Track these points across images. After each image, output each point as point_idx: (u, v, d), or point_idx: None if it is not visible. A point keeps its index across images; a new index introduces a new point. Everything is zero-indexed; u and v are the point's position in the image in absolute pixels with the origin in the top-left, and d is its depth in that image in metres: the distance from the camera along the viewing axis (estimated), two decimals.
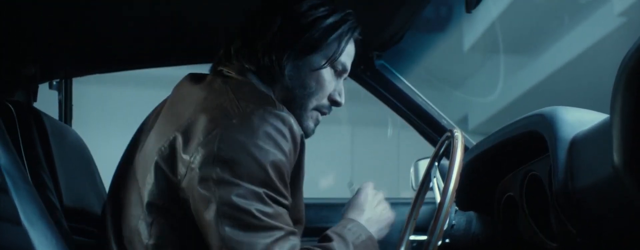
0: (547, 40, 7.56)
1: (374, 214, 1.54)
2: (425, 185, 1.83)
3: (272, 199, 1.30)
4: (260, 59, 1.47)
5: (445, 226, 1.47)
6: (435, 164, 1.77)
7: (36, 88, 2.09)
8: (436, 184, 1.70)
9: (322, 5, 1.51)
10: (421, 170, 2.31)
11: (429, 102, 2.34)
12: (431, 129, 2.33)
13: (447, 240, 1.67)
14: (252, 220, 1.27)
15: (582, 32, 7.02)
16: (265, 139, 1.30)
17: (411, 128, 2.38)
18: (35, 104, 2.11)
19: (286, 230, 1.30)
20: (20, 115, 1.74)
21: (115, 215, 1.45)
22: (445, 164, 1.66)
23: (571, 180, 1.23)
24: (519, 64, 7.93)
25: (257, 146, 1.28)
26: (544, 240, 1.55)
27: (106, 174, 2.03)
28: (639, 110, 0.95)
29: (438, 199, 1.57)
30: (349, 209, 1.56)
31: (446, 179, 1.49)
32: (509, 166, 1.70)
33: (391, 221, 1.58)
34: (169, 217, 1.36)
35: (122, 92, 6.33)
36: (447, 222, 1.62)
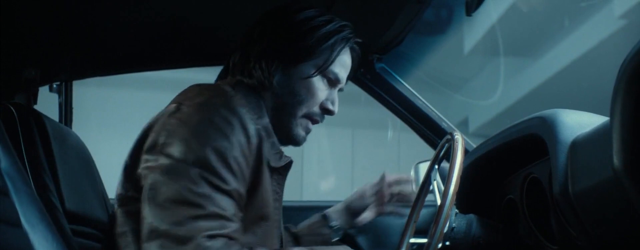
0: (547, 42, 7.56)
1: None
2: (425, 187, 1.83)
3: (207, 180, 1.31)
4: (252, 68, 1.49)
5: (446, 229, 1.47)
6: (436, 166, 1.77)
7: (36, 91, 2.09)
8: (436, 186, 1.70)
9: (319, 16, 1.53)
10: (421, 173, 2.31)
11: (429, 105, 2.34)
12: (431, 131, 2.33)
13: (447, 243, 1.67)
14: (176, 196, 1.29)
15: (582, 35, 7.01)
16: (208, 126, 1.34)
17: (411, 131, 2.38)
18: (35, 106, 2.11)
19: (210, 212, 1.30)
20: (22, 118, 1.74)
21: None
22: (446, 167, 1.66)
23: (571, 183, 1.23)
24: (519, 66, 7.92)
25: (199, 131, 1.33)
26: (544, 243, 1.55)
27: (107, 176, 2.03)
28: (639, 113, 0.96)
29: (438, 201, 1.57)
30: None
31: (446, 182, 1.49)
32: (509, 169, 1.70)
33: None
34: (129, 205, 1.40)
35: (123, 95, 6.33)
36: (447, 225, 1.63)
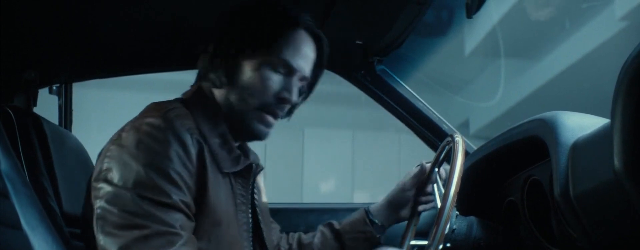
0: (548, 44, 7.56)
1: None
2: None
3: (148, 198, 1.34)
4: (207, 70, 1.53)
5: (446, 231, 1.47)
6: (436, 168, 1.77)
7: (36, 93, 2.09)
8: (437, 188, 1.70)
9: (273, 10, 1.53)
10: None
11: (430, 107, 2.33)
12: (432, 133, 2.32)
13: (448, 245, 1.67)
14: (121, 221, 1.32)
15: (583, 37, 7.01)
16: (143, 144, 1.37)
17: (412, 133, 2.38)
18: (35, 108, 2.11)
19: (156, 231, 1.33)
20: (20, 121, 1.74)
21: None
22: (446, 169, 1.66)
23: (572, 185, 1.23)
24: (519, 68, 7.93)
25: (135, 152, 1.36)
26: (545, 245, 1.55)
27: None
28: (639, 115, 0.95)
29: (439, 203, 1.57)
30: None
31: (447, 184, 1.49)
32: (510, 171, 1.70)
33: None
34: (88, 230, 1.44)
35: (123, 96, 6.33)
36: (448, 227, 1.63)
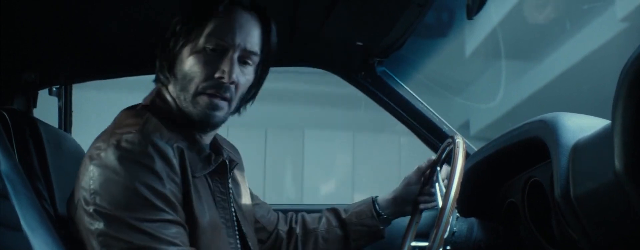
0: (549, 45, 7.55)
1: None
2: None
3: (142, 219, 1.36)
4: (159, 65, 1.57)
5: (447, 232, 1.47)
6: (437, 170, 1.77)
7: (36, 94, 2.09)
8: (438, 190, 1.70)
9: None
10: None
11: (430, 109, 2.33)
12: (432, 135, 2.32)
13: (448, 247, 1.67)
14: (120, 245, 1.35)
15: (584, 38, 7.01)
16: (128, 165, 1.37)
17: (412, 134, 2.38)
18: (35, 110, 2.10)
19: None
20: (15, 124, 1.73)
21: None
22: (447, 170, 1.65)
23: (573, 186, 1.23)
24: (520, 69, 7.92)
25: (122, 174, 1.37)
26: (545, 246, 1.54)
27: None
28: None
29: (439, 205, 1.57)
30: None
31: (447, 186, 1.49)
32: (511, 172, 1.70)
33: None
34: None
35: (124, 98, 6.32)
36: (449, 229, 1.62)
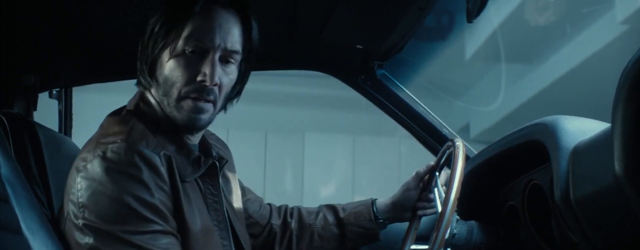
0: (549, 49, 7.55)
1: None
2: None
3: (132, 232, 1.34)
4: (140, 69, 1.55)
5: (447, 235, 1.47)
6: (437, 173, 1.77)
7: (36, 97, 2.08)
8: (437, 193, 1.70)
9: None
10: None
11: (430, 112, 2.33)
12: (432, 138, 2.32)
13: (449, 249, 1.66)
14: None
15: (584, 41, 7.01)
16: (117, 177, 1.36)
17: (412, 137, 2.38)
18: (36, 113, 2.10)
19: None
20: (13, 128, 1.73)
21: None
22: (447, 173, 1.65)
23: (573, 189, 1.23)
24: (520, 72, 7.92)
25: (110, 186, 1.35)
26: (545, 249, 1.54)
27: None
28: (639, 120, 0.95)
29: (439, 208, 1.57)
30: None
31: (447, 189, 1.49)
32: (511, 175, 1.70)
33: None
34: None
35: (125, 100, 6.32)
36: (449, 232, 1.62)
